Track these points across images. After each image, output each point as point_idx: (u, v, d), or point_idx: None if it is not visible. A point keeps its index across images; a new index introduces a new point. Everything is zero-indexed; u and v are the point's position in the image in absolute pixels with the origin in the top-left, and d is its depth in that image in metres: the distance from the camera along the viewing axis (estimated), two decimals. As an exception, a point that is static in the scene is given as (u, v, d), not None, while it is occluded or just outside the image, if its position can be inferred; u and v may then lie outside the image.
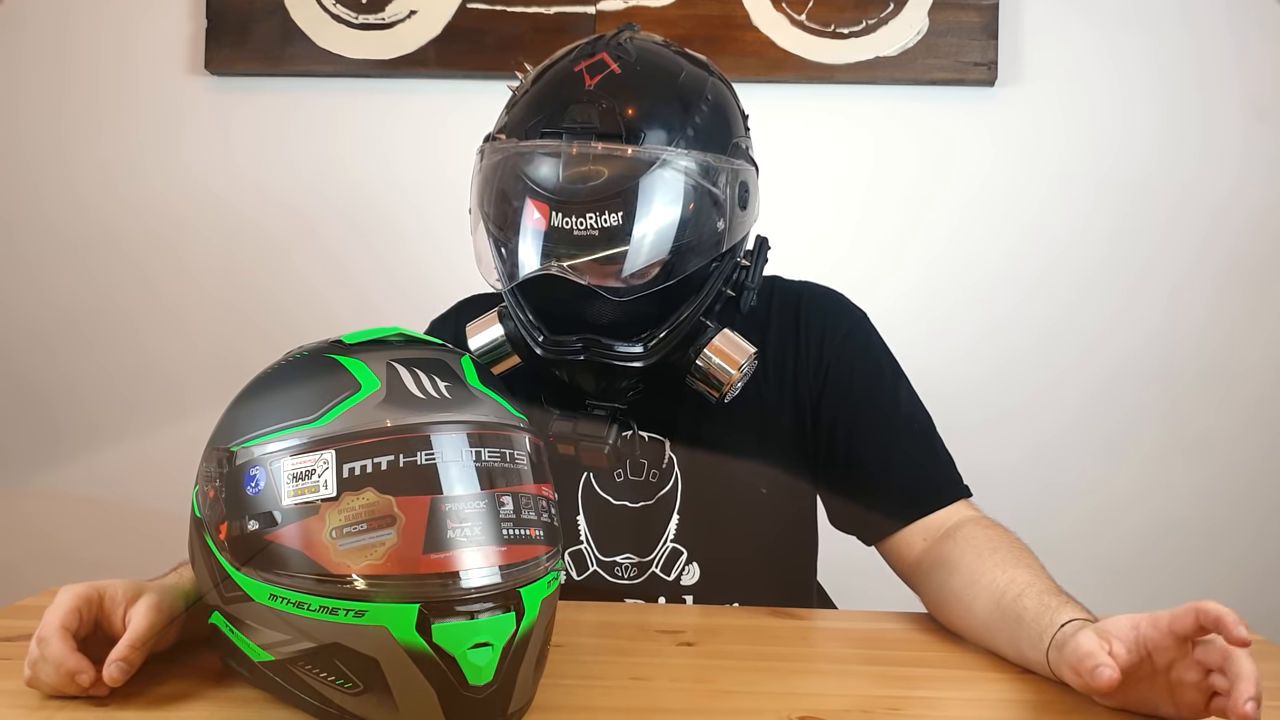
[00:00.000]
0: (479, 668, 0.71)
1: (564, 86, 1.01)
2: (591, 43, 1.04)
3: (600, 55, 1.02)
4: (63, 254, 1.79)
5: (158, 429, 1.77)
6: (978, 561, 0.99)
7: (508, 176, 1.01)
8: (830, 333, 1.15)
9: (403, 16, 1.73)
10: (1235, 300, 1.71)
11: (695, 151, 0.99)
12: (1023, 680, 0.90)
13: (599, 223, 0.96)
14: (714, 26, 1.42)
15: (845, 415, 1.13)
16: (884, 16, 1.70)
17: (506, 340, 1.05)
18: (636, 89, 1.00)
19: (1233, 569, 1.69)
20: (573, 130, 0.97)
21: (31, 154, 1.79)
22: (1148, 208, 1.71)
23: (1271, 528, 1.70)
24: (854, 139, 1.73)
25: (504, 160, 1.01)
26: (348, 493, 0.72)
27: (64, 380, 1.79)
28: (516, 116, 1.04)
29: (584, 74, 1.01)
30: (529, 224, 0.98)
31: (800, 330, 1.16)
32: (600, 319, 1.00)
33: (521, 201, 0.99)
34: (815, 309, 1.17)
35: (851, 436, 1.13)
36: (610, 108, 0.98)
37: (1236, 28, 1.70)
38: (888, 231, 1.74)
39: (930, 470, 1.12)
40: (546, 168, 0.98)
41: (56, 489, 1.78)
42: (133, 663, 0.78)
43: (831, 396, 1.13)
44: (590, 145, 0.97)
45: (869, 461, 1.12)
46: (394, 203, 1.77)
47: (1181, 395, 1.71)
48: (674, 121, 1.00)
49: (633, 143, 0.97)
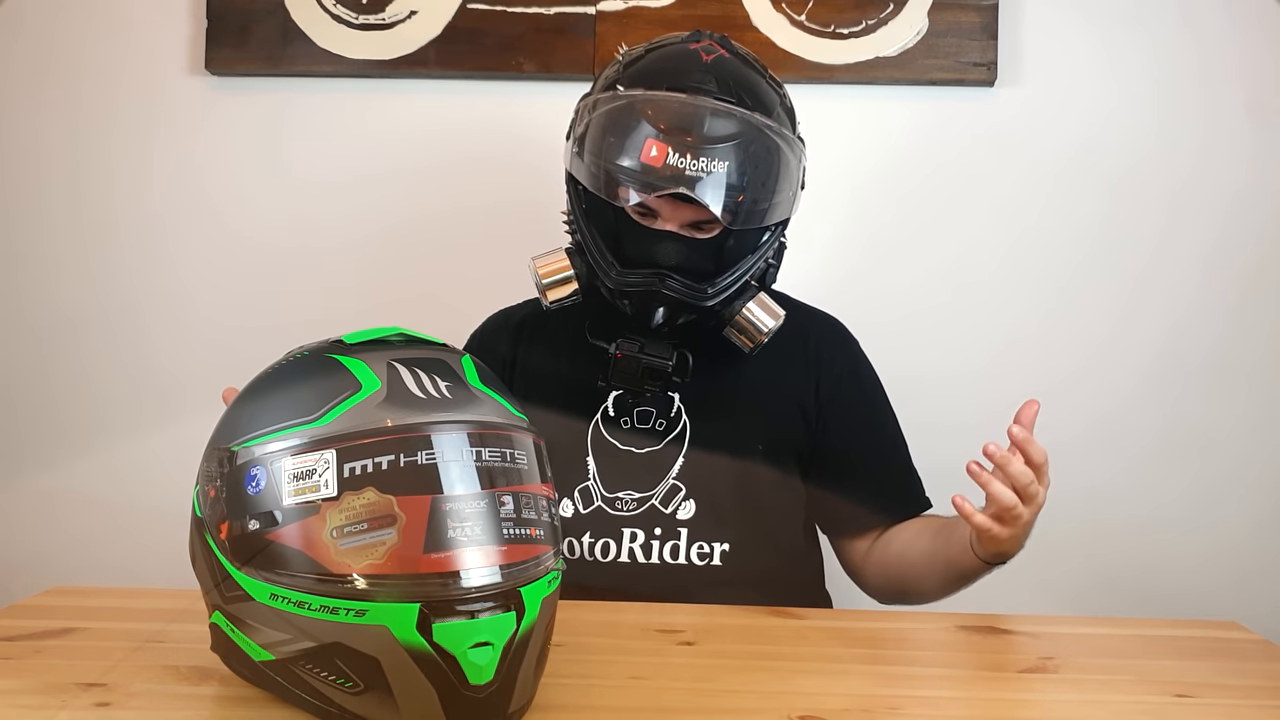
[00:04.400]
0: (479, 667, 0.71)
1: (681, 58, 1.19)
2: (695, 33, 1.23)
3: (708, 42, 1.21)
4: (62, 253, 1.79)
5: (158, 429, 1.77)
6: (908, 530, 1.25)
7: (629, 119, 1.14)
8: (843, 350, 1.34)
9: (403, 16, 1.73)
10: (1236, 299, 1.71)
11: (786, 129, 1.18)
12: (1023, 680, 0.90)
13: (709, 167, 1.11)
14: (714, 27, 1.41)
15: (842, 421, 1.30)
16: (884, 17, 1.70)
17: (573, 274, 1.19)
18: (742, 71, 1.19)
19: (1232, 569, 1.69)
20: (695, 89, 1.14)
21: (31, 154, 1.79)
22: (1148, 207, 1.71)
23: (1270, 527, 1.70)
24: (853, 139, 1.73)
25: (628, 105, 1.15)
26: (348, 492, 0.72)
27: (64, 380, 1.79)
28: (634, 76, 1.18)
29: (700, 52, 1.19)
30: (645, 160, 1.12)
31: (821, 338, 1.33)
32: (668, 259, 1.15)
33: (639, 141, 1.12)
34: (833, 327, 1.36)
35: (843, 439, 1.29)
36: (725, 79, 1.16)
37: (1236, 27, 1.69)
38: (887, 231, 1.74)
39: (907, 483, 1.31)
40: (669, 114, 1.13)
41: (56, 489, 1.78)
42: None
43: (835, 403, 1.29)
44: (711, 101, 1.13)
45: (855, 465, 1.29)
46: (394, 203, 1.77)
47: (1181, 395, 1.71)
48: (771, 103, 1.19)
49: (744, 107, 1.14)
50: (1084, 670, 0.94)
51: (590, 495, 1.25)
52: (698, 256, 1.16)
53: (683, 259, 1.15)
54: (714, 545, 1.23)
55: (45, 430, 1.80)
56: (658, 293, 1.14)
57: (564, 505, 1.25)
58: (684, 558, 1.22)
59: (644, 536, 1.23)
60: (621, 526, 1.23)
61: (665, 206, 1.16)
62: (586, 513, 1.24)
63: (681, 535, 1.23)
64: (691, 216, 1.16)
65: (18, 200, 1.80)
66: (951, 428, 1.64)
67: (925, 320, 1.72)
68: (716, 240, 1.17)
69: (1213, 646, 1.01)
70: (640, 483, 1.24)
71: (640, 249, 1.16)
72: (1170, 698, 0.86)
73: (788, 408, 1.28)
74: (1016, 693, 0.88)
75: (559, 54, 1.70)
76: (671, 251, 1.15)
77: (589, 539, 1.23)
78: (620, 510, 1.24)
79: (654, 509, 1.23)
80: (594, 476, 1.25)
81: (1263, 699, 0.86)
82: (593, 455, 1.25)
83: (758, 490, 1.26)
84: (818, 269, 1.68)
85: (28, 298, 1.80)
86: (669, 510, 1.23)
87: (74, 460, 1.79)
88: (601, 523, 1.23)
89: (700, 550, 1.23)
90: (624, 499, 1.24)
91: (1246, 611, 1.22)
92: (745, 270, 1.19)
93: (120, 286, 1.79)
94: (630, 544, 1.23)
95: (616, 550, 1.23)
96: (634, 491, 1.24)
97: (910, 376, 1.47)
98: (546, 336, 1.32)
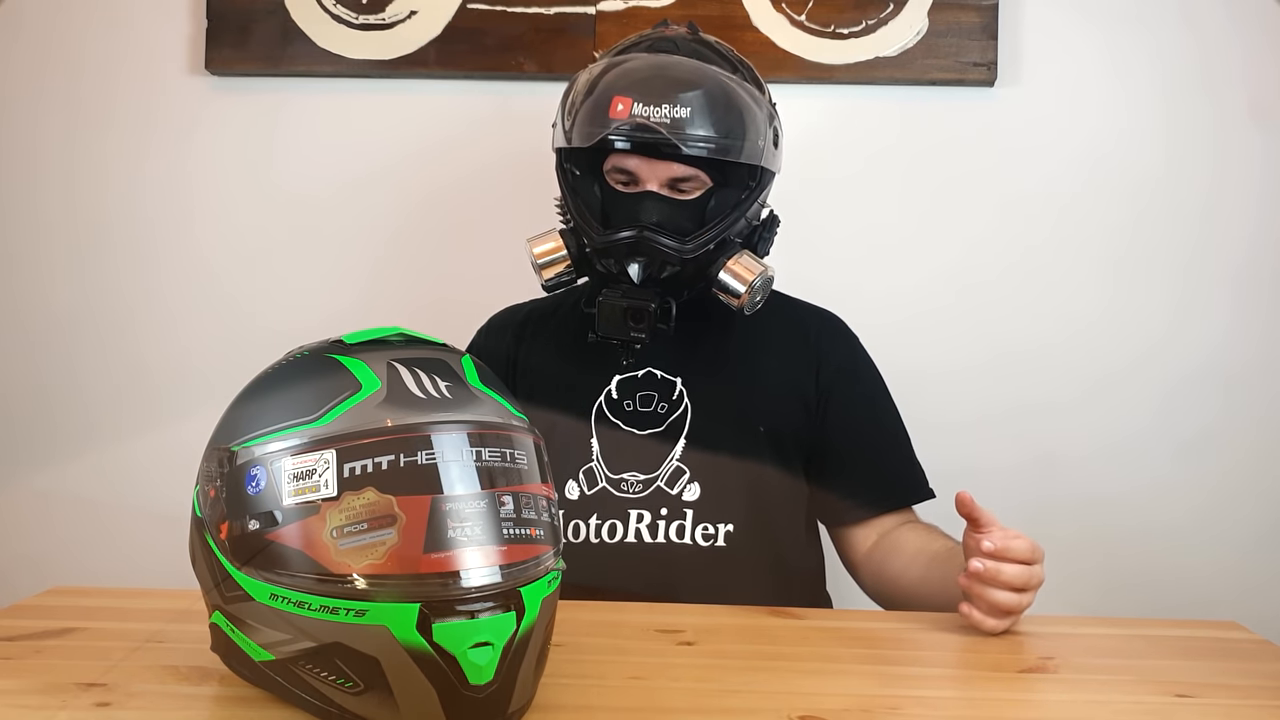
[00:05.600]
0: (479, 667, 0.71)
1: (648, 35, 1.28)
2: (663, 22, 1.32)
3: (675, 27, 1.29)
4: (61, 253, 1.79)
5: (157, 429, 1.77)
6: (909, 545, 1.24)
7: (599, 85, 1.21)
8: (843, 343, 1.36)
9: (403, 17, 1.73)
10: (1236, 300, 1.71)
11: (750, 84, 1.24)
12: (1023, 680, 0.90)
13: (672, 113, 1.17)
14: (713, 26, 1.42)
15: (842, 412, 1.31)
16: (884, 17, 1.70)
17: (565, 253, 1.24)
18: (706, 42, 1.28)
19: (1232, 570, 1.69)
20: (658, 50, 1.23)
21: (31, 154, 1.79)
22: (1148, 208, 1.71)
23: (1271, 528, 1.70)
24: (853, 139, 1.73)
25: (599, 75, 1.22)
26: (348, 492, 0.72)
27: (63, 380, 1.79)
28: (608, 56, 1.26)
29: (665, 27, 1.29)
30: (613, 115, 1.18)
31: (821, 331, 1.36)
32: (650, 216, 1.19)
33: (607, 100, 1.19)
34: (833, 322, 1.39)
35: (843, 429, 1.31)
36: (686, 46, 1.25)
37: (1237, 27, 1.69)
38: (887, 231, 1.73)
39: (907, 473, 1.32)
40: (633, 72, 1.20)
41: (56, 489, 1.78)
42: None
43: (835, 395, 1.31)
44: (673, 58, 1.22)
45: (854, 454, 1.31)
46: (394, 202, 1.77)
47: (1181, 394, 1.71)
48: (735, 65, 1.26)
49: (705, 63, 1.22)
50: (1084, 670, 0.94)
51: (595, 476, 1.26)
52: (680, 215, 1.21)
53: (664, 217, 1.20)
54: (719, 526, 1.24)
55: (41, 431, 1.80)
56: (637, 244, 1.18)
57: (569, 487, 1.26)
58: (689, 538, 1.24)
59: (650, 517, 1.24)
60: (628, 508, 1.25)
61: (643, 167, 1.21)
62: (591, 494, 1.26)
63: (687, 516, 1.24)
64: (667, 174, 1.21)
65: (14, 200, 1.80)
66: (950, 427, 1.65)
67: (926, 320, 1.72)
68: (699, 201, 1.22)
69: (1213, 646, 1.01)
70: (644, 464, 1.26)
71: (624, 212, 1.21)
72: (1170, 698, 0.86)
73: (788, 393, 1.31)
74: (1016, 693, 0.88)
75: (559, 54, 1.70)
76: (652, 209, 1.20)
77: (595, 520, 1.25)
78: (626, 492, 1.25)
79: (660, 490, 1.25)
80: (598, 458, 1.27)
81: (1263, 699, 0.86)
82: (596, 436, 1.27)
83: (760, 473, 1.27)
84: (817, 269, 1.68)
85: (23, 299, 1.80)
86: (674, 491, 1.25)
87: (69, 461, 1.79)
88: (608, 505, 1.25)
89: (705, 531, 1.24)
90: (629, 480, 1.26)
91: (1247, 612, 1.21)
92: (726, 225, 1.21)
93: (116, 287, 1.79)
94: (637, 524, 1.24)
95: (623, 531, 1.24)
96: (638, 473, 1.26)
97: (909, 376, 1.47)
98: (551, 328, 1.37)
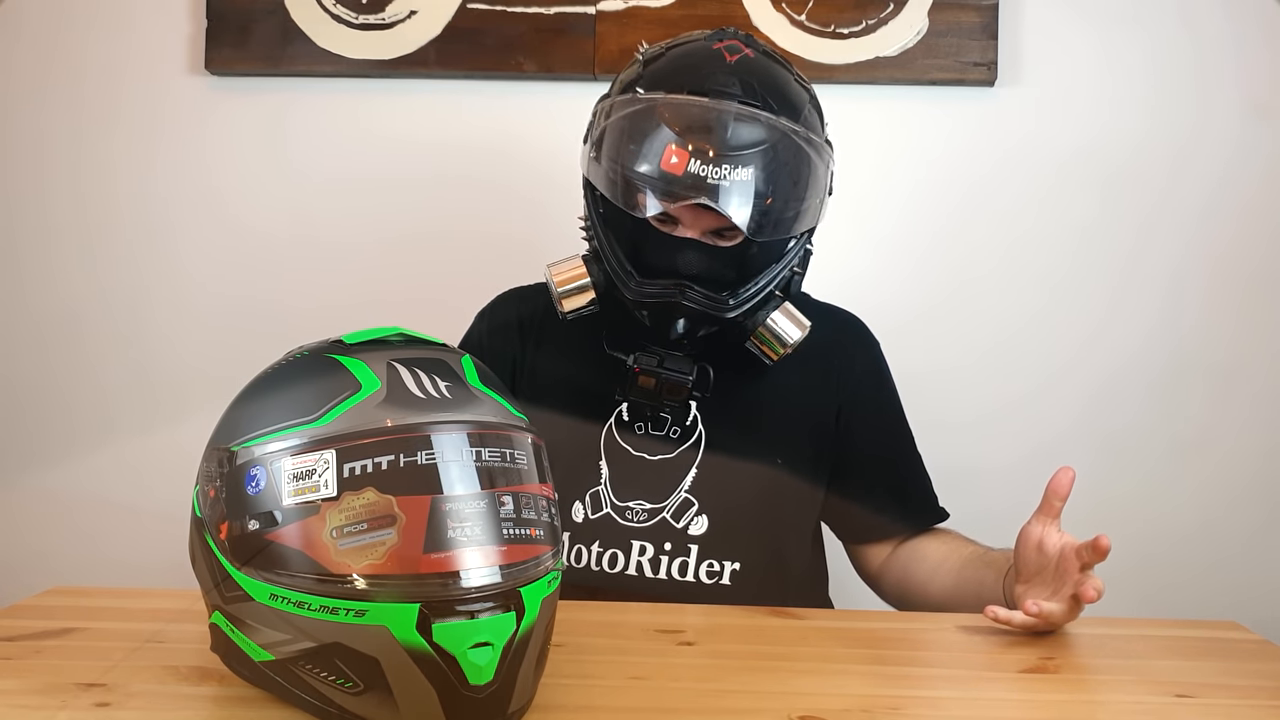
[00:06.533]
0: (479, 667, 0.71)
1: (704, 59, 1.13)
2: (719, 32, 1.17)
3: (732, 41, 1.15)
4: (61, 253, 1.79)
5: (157, 429, 1.77)
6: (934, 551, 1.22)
7: (648, 124, 1.09)
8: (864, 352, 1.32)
9: (403, 16, 1.73)
10: (1236, 299, 1.71)
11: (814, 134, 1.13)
12: (1023, 680, 0.90)
13: (732, 175, 1.06)
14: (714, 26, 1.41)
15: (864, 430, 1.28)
16: (884, 17, 1.70)
17: (590, 282, 1.15)
18: (768, 73, 1.14)
19: (1233, 570, 1.69)
20: (718, 93, 1.09)
21: (31, 154, 1.79)
22: (1148, 207, 1.71)
23: (1271, 528, 1.70)
24: (853, 139, 1.73)
25: (647, 109, 1.10)
26: (348, 492, 0.72)
27: (63, 380, 1.79)
28: (654, 77, 1.13)
29: (723, 53, 1.13)
30: (665, 167, 1.07)
31: (842, 338, 1.30)
32: (689, 269, 1.11)
33: (659, 147, 1.07)
34: (855, 327, 1.33)
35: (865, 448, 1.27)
36: (749, 82, 1.11)
37: (1235, 28, 1.69)
38: (887, 231, 1.73)
39: (926, 494, 1.29)
40: (691, 119, 1.08)
41: (55, 489, 1.78)
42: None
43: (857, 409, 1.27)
44: (735, 105, 1.08)
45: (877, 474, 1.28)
46: (394, 202, 1.77)
47: (1181, 394, 1.71)
48: (799, 105, 1.13)
49: (770, 111, 1.09)
50: (1084, 670, 0.94)
51: (600, 500, 1.21)
52: (720, 265, 1.12)
53: (704, 268, 1.11)
54: (724, 564, 1.20)
55: (44, 430, 1.80)
56: (678, 304, 1.10)
57: (575, 509, 1.21)
58: (692, 575, 1.19)
59: (653, 550, 1.19)
60: (631, 538, 1.20)
61: (686, 214, 1.11)
62: (595, 518, 1.21)
63: (692, 552, 1.19)
64: (713, 224, 1.12)
65: (20, 200, 1.80)
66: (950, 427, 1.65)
67: (926, 319, 1.72)
68: (740, 248, 1.13)
69: (1213, 646, 1.01)
70: (652, 492, 1.21)
71: (660, 257, 1.12)
72: (1170, 698, 0.86)
73: (808, 417, 1.25)
74: (1017, 693, 0.88)
75: (559, 54, 1.70)
76: (693, 260, 1.11)
77: (597, 548, 1.20)
78: (630, 520, 1.20)
79: (665, 522, 1.20)
80: (605, 481, 1.21)
81: (1263, 699, 0.86)
82: (605, 458, 1.22)
83: (773, 506, 1.22)
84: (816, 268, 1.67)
85: (30, 296, 1.80)
86: (680, 525, 1.20)
87: (73, 460, 1.79)
88: (610, 532, 1.20)
89: (710, 568, 1.19)
90: (634, 509, 1.20)
91: (1247, 612, 1.21)
92: (769, 280, 1.14)
93: (121, 286, 1.79)
94: (639, 557, 1.19)
95: (624, 562, 1.19)
96: (645, 502, 1.20)
97: (909, 375, 1.47)
98: (562, 333, 1.26)
